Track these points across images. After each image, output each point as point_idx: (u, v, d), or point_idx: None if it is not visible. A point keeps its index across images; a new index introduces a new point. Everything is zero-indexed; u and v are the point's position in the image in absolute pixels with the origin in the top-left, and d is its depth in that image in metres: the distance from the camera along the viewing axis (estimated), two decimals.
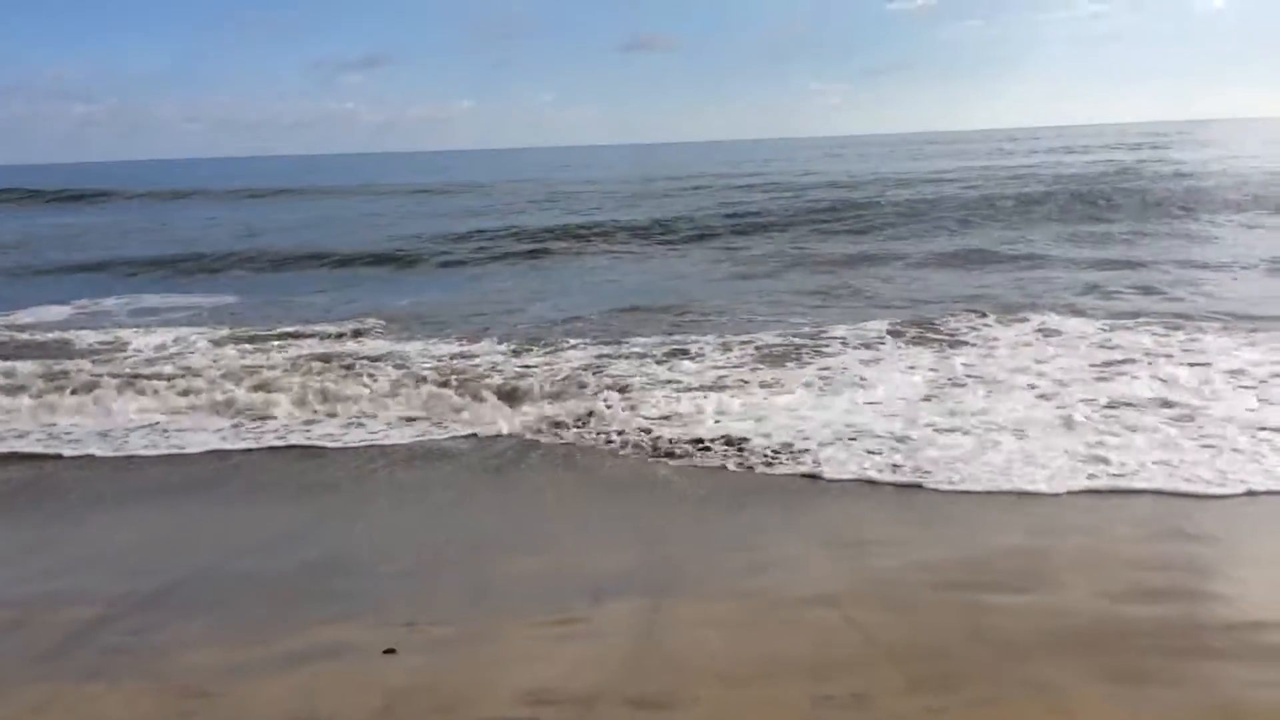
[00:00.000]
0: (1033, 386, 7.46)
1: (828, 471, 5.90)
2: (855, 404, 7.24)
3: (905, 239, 17.53)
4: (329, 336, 10.66)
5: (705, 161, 57.45)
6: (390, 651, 3.81)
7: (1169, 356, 8.18)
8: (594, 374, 8.33)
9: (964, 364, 8.25)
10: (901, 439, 6.38)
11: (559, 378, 8.21)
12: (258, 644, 3.96)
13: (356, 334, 10.79)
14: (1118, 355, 8.31)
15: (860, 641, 3.75)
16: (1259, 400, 6.80)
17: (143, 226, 26.98)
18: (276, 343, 10.34)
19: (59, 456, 6.98)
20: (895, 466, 5.93)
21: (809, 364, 8.53)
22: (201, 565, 4.91)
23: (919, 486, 5.59)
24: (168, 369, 9.14)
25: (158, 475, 6.56)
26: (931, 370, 8.13)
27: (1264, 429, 6.17)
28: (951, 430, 6.51)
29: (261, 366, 9.07)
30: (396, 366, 8.94)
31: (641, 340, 9.66)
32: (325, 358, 9.40)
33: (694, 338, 9.75)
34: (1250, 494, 5.21)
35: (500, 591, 4.43)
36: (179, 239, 22.57)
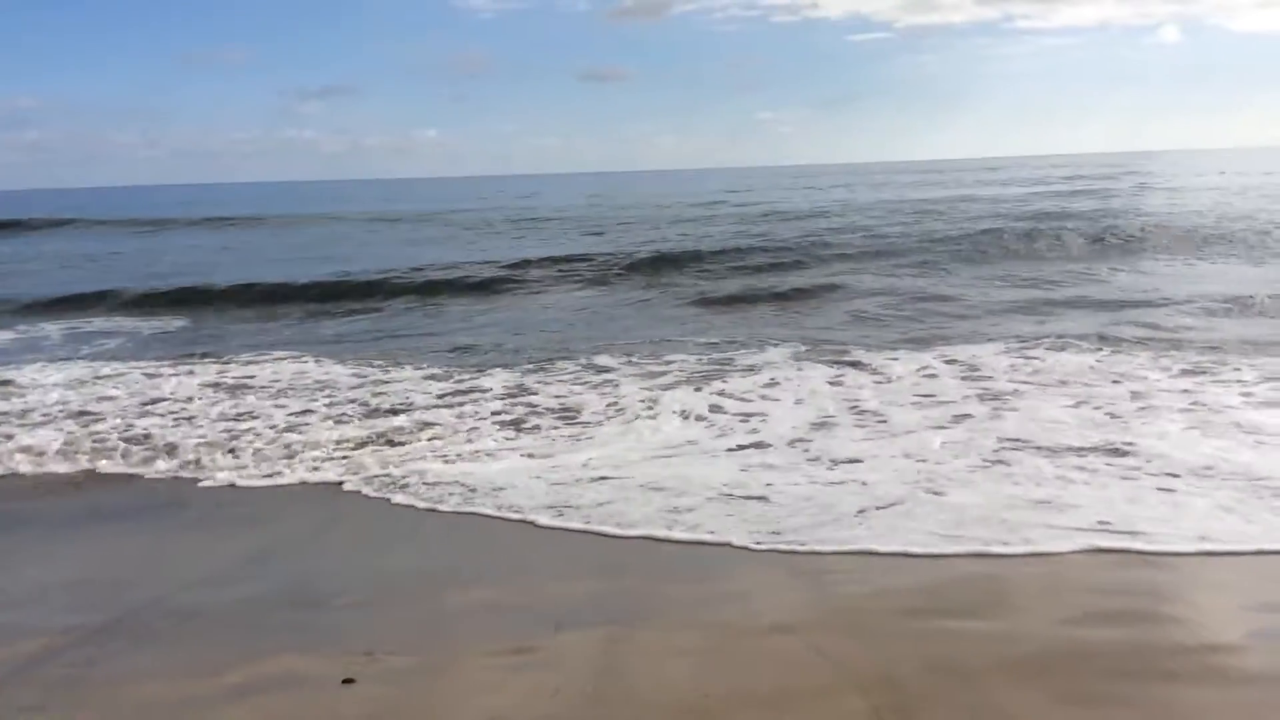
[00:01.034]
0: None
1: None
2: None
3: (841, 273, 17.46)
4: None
5: (654, 190, 57.89)
6: (349, 681, 3.76)
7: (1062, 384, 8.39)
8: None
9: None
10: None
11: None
12: (210, 675, 3.88)
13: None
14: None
15: (825, 670, 3.75)
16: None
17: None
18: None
19: None
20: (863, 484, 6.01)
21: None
22: (152, 596, 4.81)
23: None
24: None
25: (108, 501, 6.42)
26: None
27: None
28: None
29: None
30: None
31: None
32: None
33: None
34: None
35: (458, 621, 4.39)
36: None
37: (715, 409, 8.06)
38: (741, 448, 6.96)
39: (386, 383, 9.45)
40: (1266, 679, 3.59)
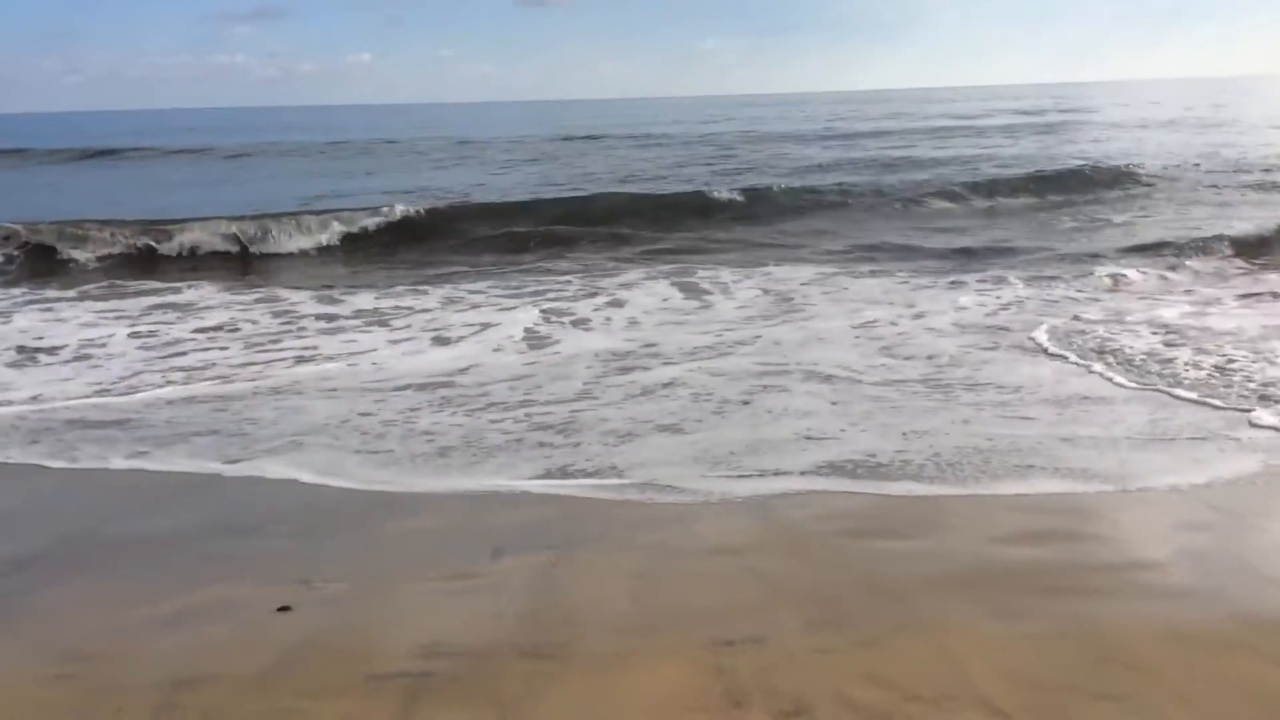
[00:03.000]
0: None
1: None
2: None
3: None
4: None
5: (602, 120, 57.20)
6: (285, 609, 3.76)
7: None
8: None
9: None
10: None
11: None
12: (142, 604, 3.85)
13: None
14: None
15: (761, 588, 3.83)
16: None
17: None
18: None
19: None
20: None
21: None
22: (85, 526, 4.75)
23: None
24: None
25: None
26: None
27: None
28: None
29: None
30: None
31: None
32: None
33: None
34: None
35: (397, 549, 4.39)
36: None
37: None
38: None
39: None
40: (1185, 594, 3.71)
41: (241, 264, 13.77)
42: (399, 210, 15.29)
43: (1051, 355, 7.20)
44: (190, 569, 4.22)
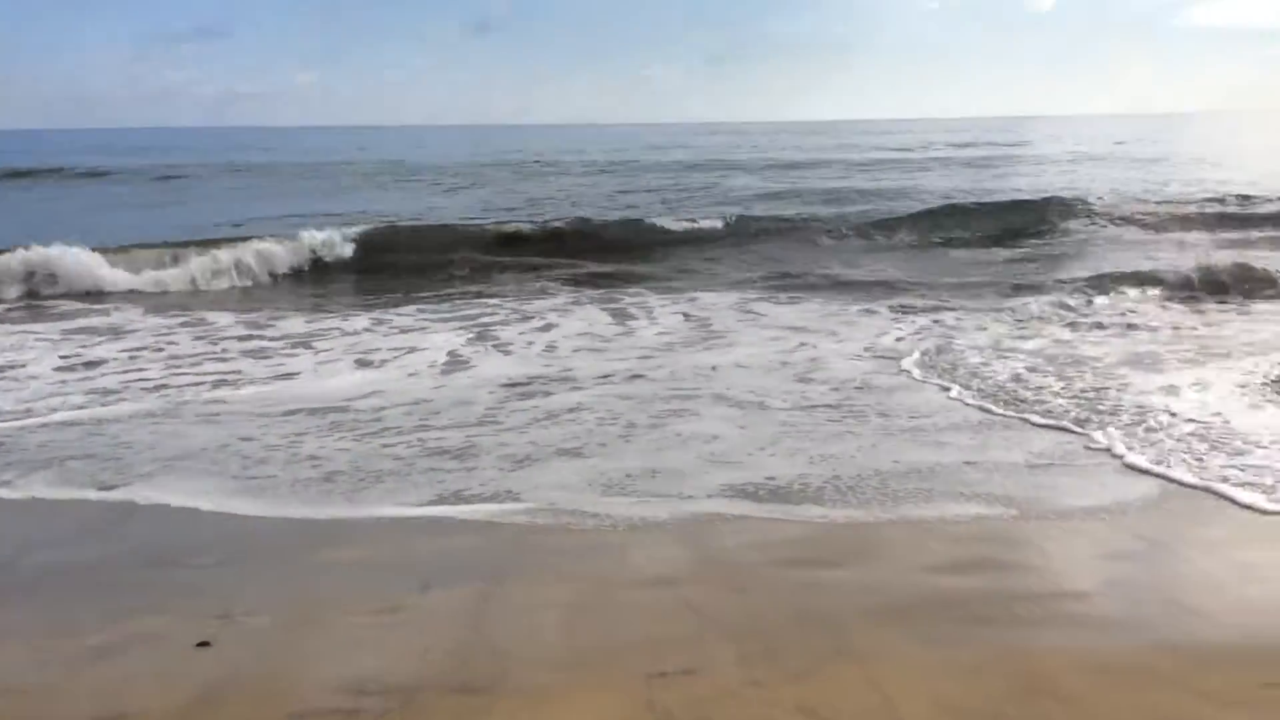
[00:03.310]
0: None
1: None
2: None
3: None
4: None
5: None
6: (204, 644, 3.69)
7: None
8: None
9: None
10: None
11: None
12: (63, 637, 3.78)
13: None
14: None
15: (695, 620, 3.83)
16: None
17: None
18: None
19: None
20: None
21: None
22: (5, 557, 4.67)
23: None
24: None
25: None
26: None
27: None
28: None
29: None
30: None
31: None
32: None
33: None
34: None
35: (323, 580, 4.33)
36: None
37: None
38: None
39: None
40: (1109, 624, 3.80)
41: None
42: (336, 234, 15.25)
43: (921, 381, 7.42)
44: (109, 601, 4.14)
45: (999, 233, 17.38)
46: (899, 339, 9.08)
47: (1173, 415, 6.34)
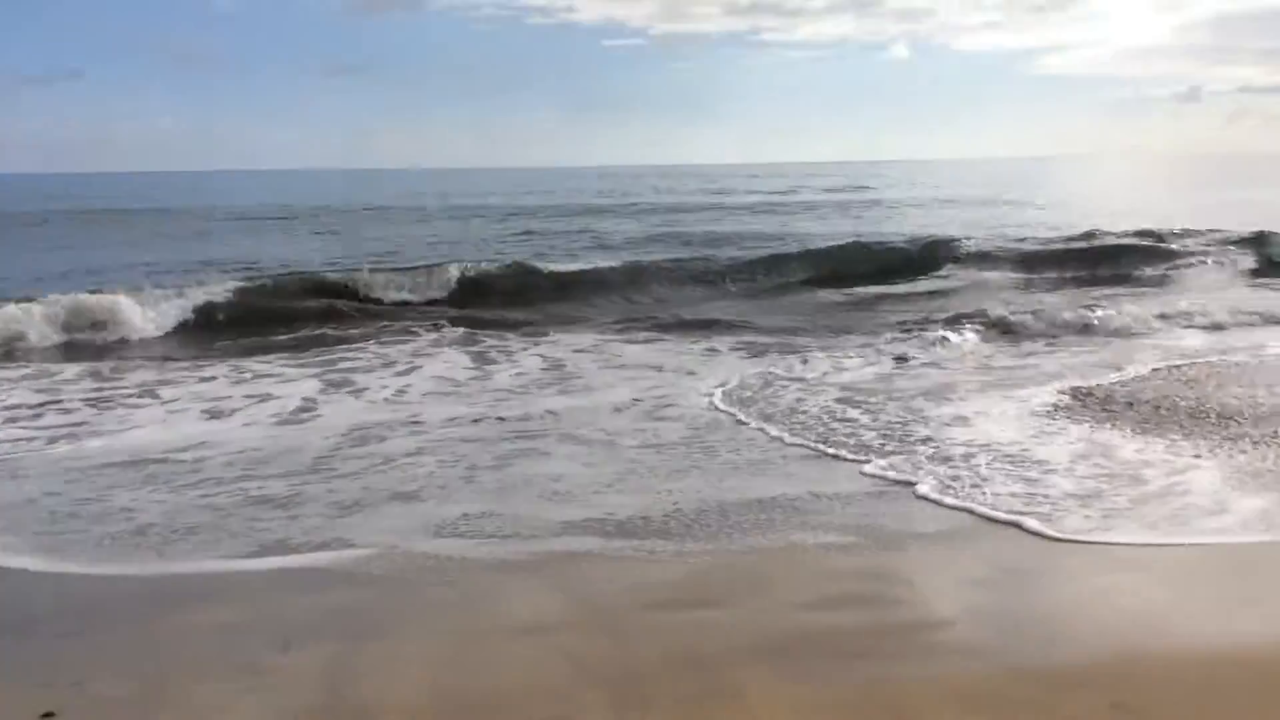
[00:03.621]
0: None
1: None
2: None
3: None
4: None
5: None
6: (49, 716, 3.47)
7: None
8: None
9: None
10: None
11: None
12: None
13: None
14: None
15: (568, 668, 3.77)
16: None
17: None
18: None
19: None
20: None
21: None
22: None
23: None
24: None
25: None
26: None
27: None
28: None
29: None
30: None
31: None
32: None
33: None
34: None
35: (180, 645, 4.12)
36: None
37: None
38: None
39: None
40: (967, 651, 3.90)
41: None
42: (197, 285, 14.75)
43: (740, 419, 7.57)
44: None
45: (861, 275, 17.64)
46: (729, 381, 9.01)
47: (980, 447, 6.65)
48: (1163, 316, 11.69)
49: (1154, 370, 9.09)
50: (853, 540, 5.13)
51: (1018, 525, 5.27)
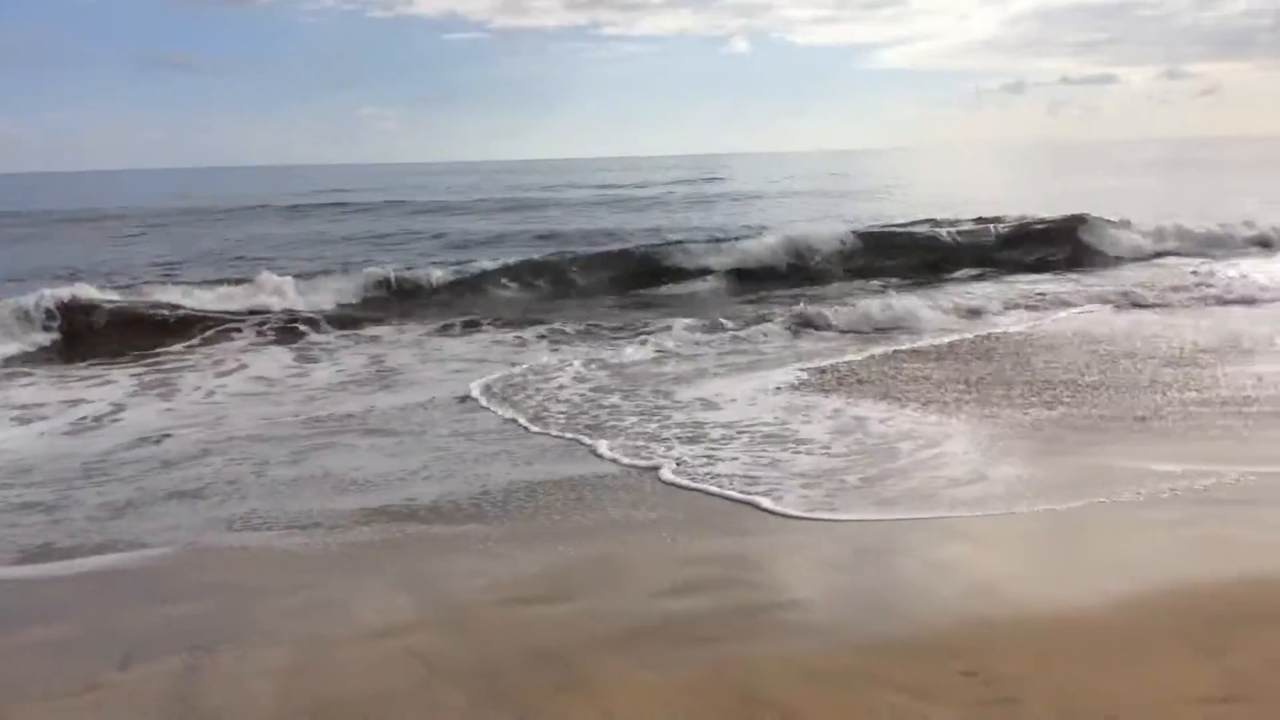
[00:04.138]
0: None
1: None
2: None
3: None
4: None
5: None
6: None
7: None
8: None
9: None
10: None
11: None
12: None
13: None
14: None
15: (422, 670, 3.73)
16: None
17: None
18: None
19: None
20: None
21: None
22: None
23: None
24: None
25: None
26: None
27: None
28: None
29: None
30: None
31: None
32: None
33: None
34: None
35: (9, 666, 3.94)
36: None
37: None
38: None
39: None
40: (819, 630, 4.01)
41: None
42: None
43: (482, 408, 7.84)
44: None
45: (678, 270, 17.25)
46: (493, 374, 9.16)
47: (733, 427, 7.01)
48: (934, 307, 11.85)
49: (896, 351, 9.73)
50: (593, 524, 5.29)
51: (754, 505, 5.49)
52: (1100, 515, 5.19)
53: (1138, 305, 12.21)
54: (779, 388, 8.24)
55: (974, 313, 11.87)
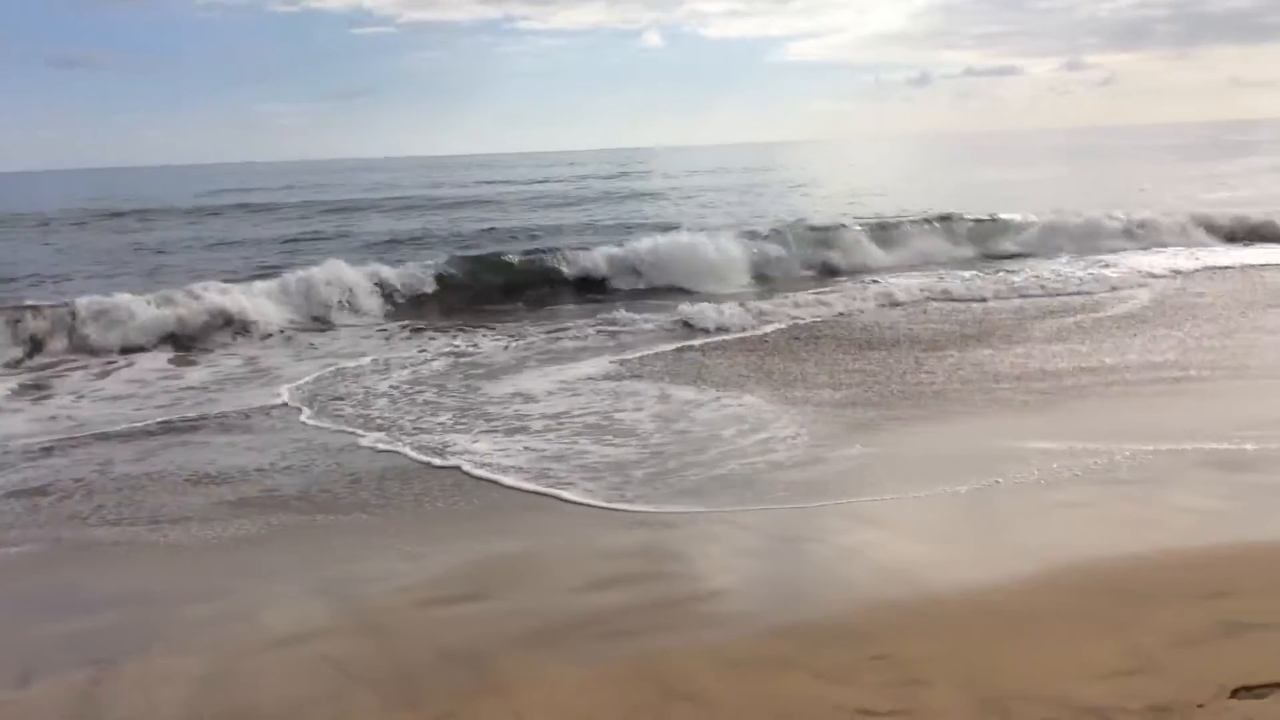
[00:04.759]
0: None
1: None
2: None
3: None
4: None
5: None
6: None
7: None
8: None
9: None
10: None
11: None
12: None
13: None
14: None
15: (335, 675, 3.64)
16: None
17: None
18: None
19: None
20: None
21: None
22: None
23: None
24: None
25: None
26: None
27: None
28: None
29: None
30: None
31: None
32: None
33: None
34: None
35: None
36: None
37: None
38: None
39: None
40: (729, 618, 4.01)
41: None
42: None
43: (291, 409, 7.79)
44: None
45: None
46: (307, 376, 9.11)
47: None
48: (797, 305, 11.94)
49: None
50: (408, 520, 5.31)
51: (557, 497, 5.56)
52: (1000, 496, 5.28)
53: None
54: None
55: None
